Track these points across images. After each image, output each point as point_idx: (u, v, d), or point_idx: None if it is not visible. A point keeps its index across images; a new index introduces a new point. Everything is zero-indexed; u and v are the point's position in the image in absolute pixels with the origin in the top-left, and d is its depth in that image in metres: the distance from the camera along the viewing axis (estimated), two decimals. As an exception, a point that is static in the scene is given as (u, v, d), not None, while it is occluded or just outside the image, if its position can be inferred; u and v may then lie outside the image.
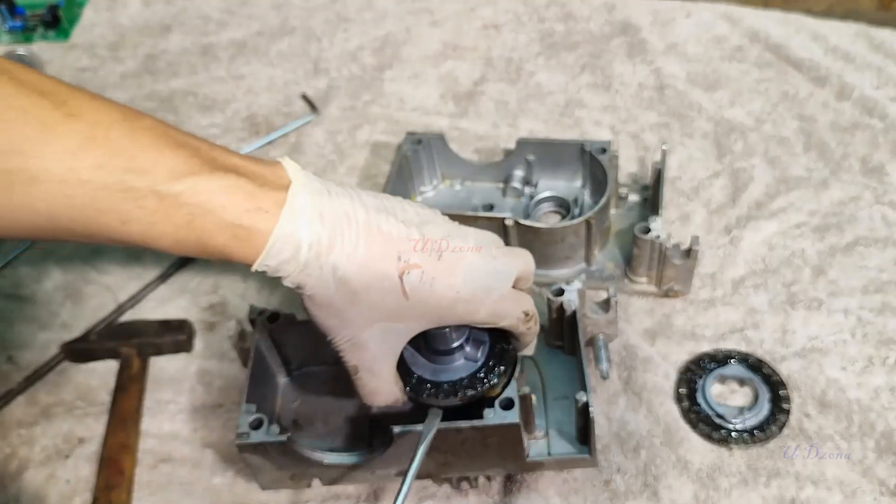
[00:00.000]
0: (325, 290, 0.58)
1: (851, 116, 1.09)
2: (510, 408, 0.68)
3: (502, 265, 0.66)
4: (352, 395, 0.77)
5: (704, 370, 0.84)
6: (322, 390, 0.81)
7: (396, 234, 0.60)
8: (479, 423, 0.67)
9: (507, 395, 0.69)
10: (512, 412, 0.68)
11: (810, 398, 0.82)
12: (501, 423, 0.67)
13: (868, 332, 0.86)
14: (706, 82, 1.17)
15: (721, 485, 0.77)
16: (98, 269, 1.03)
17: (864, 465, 0.77)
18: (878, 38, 1.19)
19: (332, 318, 0.60)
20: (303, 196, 0.57)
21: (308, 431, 0.78)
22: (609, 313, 0.83)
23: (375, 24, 1.35)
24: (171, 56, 1.33)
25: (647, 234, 0.85)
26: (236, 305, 0.97)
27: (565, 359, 0.83)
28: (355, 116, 1.20)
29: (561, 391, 0.80)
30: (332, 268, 0.57)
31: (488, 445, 0.70)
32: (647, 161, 1.07)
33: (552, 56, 1.25)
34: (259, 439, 0.69)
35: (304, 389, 0.82)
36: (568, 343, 0.82)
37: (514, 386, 0.70)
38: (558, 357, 0.83)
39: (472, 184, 1.04)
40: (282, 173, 0.59)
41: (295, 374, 0.83)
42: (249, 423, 0.69)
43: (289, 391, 0.82)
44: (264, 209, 0.55)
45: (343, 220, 0.58)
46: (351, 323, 0.61)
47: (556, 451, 0.75)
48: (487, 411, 0.67)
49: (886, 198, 0.99)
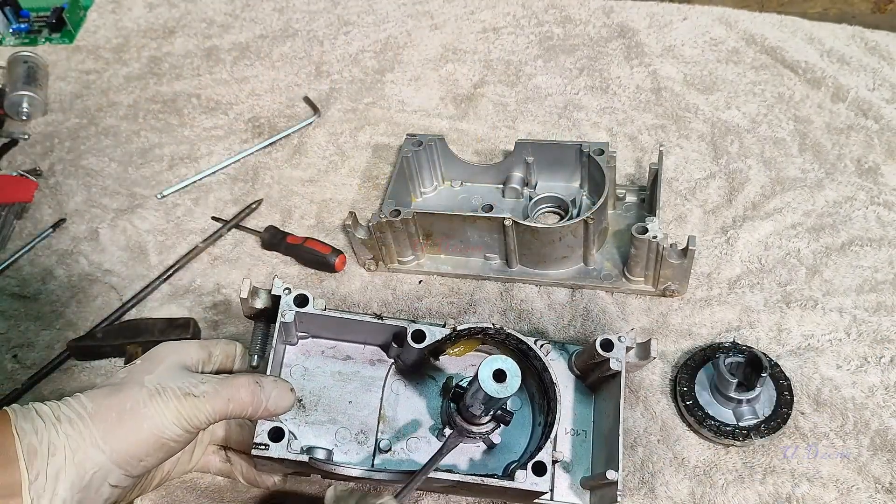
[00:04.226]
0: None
1: (846, 118, 1.10)
2: (542, 473, 0.67)
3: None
4: (363, 389, 0.77)
5: (700, 367, 0.85)
6: (329, 368, 0.79)
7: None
8: (509, 484, 0.67)
9: (541, 460, 0.68)
10: (543, 480, 0.67)
11: (805, 396, 0.83)
12: (531, 489, 0.67)
13: (863, 331, 0.87)
14: (702, 84, 1.18)
15: (717, 481, 0.78)
16: (102, 269, 1.04)
17: (859, 463, 0.78)
18: (872, 40, 1.20)
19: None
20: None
21: (311, 415, 0.77)
22: (643, 360, 0.78)
23: (376, 27, 1.36)
24: (175, 59, 1.35)
25: (645, 234, 0.86)
26: (239, 305, 0.97)
27: (584, 391, 0.80)
28: (356, 118, 1.21)
29: (574, 424, 0.78)
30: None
31: (505, 492, 0.70)
32: (644, 162, 1.08)
33: (550, 59, 1.26)
34: (278, 454, 0.67)
35: (310, 363, 0.79)
36: (592, 383, 0.80)
37: (549, 449, 0.69)
38: (577, 386, 0.80)
39: (472, 185, 1.05)
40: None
41: (301, 343, 0.80)
42: (269, 433, 0.68)
43: (294, 361, 0.79)
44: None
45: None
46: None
47: (560, 497, 0.74)
48: (520, 474, 0.67)
49: (881, 198, 1.00)
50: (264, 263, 1.02)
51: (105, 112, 1.27)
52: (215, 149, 1.19)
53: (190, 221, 1.09)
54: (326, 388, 0.78)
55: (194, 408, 0.65)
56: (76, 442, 0.61)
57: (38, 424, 0.61)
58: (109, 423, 0.63)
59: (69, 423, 0.62)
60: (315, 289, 0.99)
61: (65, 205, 1.13)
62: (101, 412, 0.63)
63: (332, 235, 1.05)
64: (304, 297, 0.75)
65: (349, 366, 0.79)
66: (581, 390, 0.80)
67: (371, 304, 0.97)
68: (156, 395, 0.64)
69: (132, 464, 0.64)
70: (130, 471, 0.64)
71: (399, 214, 0.92)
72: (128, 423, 0.63)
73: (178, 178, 1.15)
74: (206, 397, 0.65)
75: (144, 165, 1.18)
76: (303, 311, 0.74)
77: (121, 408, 0.64)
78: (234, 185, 1.13)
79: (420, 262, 0.99)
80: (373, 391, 0.79)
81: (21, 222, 1.11)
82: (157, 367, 0.67)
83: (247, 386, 0.67)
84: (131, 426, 0.63)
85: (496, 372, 0.63)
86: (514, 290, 0.96)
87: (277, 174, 1.14)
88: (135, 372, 0.67)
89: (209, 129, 1.22)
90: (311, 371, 0.79)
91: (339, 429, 0.77)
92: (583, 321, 0.92)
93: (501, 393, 0.62)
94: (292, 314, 0.74)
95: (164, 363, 0.68)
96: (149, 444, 0.64)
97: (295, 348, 0.80)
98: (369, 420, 0.77)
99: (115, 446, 0.62)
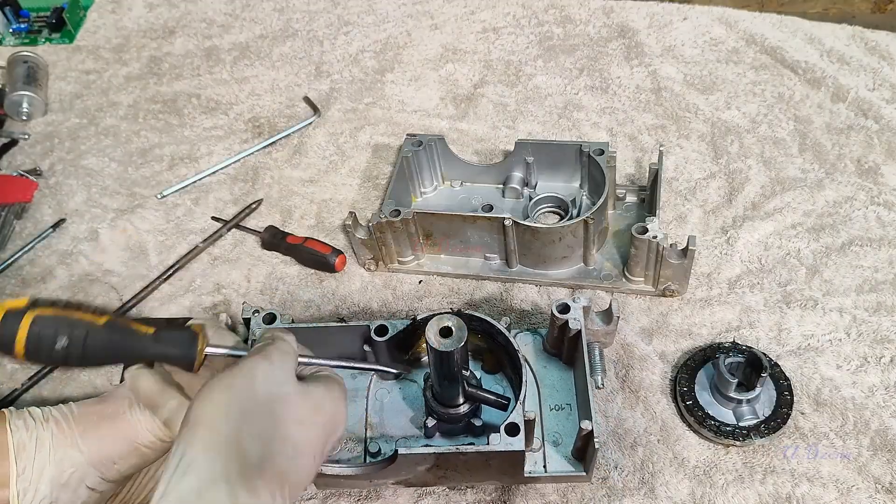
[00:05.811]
0: None
1: (846, 118, 1.10)
2: (516, 433, 0.68)
3: None
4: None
5: (700, 366, 0.85)
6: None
7: None
8: (485, 447, 0.68)
9: (513, 420, 0.69)
10: (518, 439, 0.68)
11: (805, 396, 0.83)
12: (506, 449, 0.68)
13: (863, 331, 0.87)
14: (702, 84, 1.18)
15: (717, 482, 0.78)
16: (102, 269, 1.04)
17: (859, 463, 0.78)
18: (872, 40, 1.20)
19: None
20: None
21: None
22: (609, 325, 0.83)
23: (376, 27, 1.36)
24: (175, 59, 1.35)
25: (645, 234, 0.86)
26: (238, 304, 0.98)
27: (562, 367, 0.83)
28: (357, 118, 1.21)
29: (557, 400, 0.80)
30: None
31: (489, 465, 0.71)
32: (644, 162, 1.08)
33: (550, 59, 1.26)
34: None
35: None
36: (567, 356, 0.82)
37: (519, 410, 0.70)
38: (555, 364, 0.83)
39: (472, 185, 1.05)
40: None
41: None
42: None
43: None
44: None
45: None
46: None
47: (554, 469, 0.75)
48: (494, 436, 0.68)
49: (881, 198, 1.00)
50: (264, 263, 1.02)
51: (105, 112, 1.27)
52: (215, 149, 1.19)
53: (190, 221, 1.09)
54: None
55: (168, 420, 0.68)
56: (58, 440, 0.66)
57: (28, 423, 0.66)
58: (89, 425, 0.67)
59: (55, 423, 0.67)
60: (315, 289, 0.99)
61: (65, 205, 1.13)
62: (83, 415, 0.68)
63: (332, 235, 1.05)
64: (271, 314, 0.80)
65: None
66: (559, 367, 0.82)
67: (371, 304, 0.97)
68: (136, 406, 0.68)
69: (106, 465, 0.67)
70: (105, 473, 0.67)
71: (399, 214, 0.92)
72: (105, 426, 0.67)
73: (178, 178, 1.15)
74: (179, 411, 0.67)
75: (144, 165, 1.18)
76: (272, 326, 0.77)
77: (102, 413, 0.68)
78: (234, 185, 1.13)
79: (420, 262, 0.99)
80: (357, 401, 0.80)
81: (21, 222, 1.12)
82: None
83: None
84: (108, 429, 0.67)
85: (442, 329, 0.65)
86: (514, 290, 0.96)
87: (277, 174, 1.14)
88: (122, 386, 0.71)
89: (209, 129, 1.22)
90: None
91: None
92: (583, 321, 0.92)
93: (448, 347, 0.64)
94: (261, 331, 0.76)
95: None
96: (123, 447, 0.67)
97: None
98: (356, 429, 0.78)
99: (92, 447, 0.66)
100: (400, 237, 0.94)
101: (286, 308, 0.97)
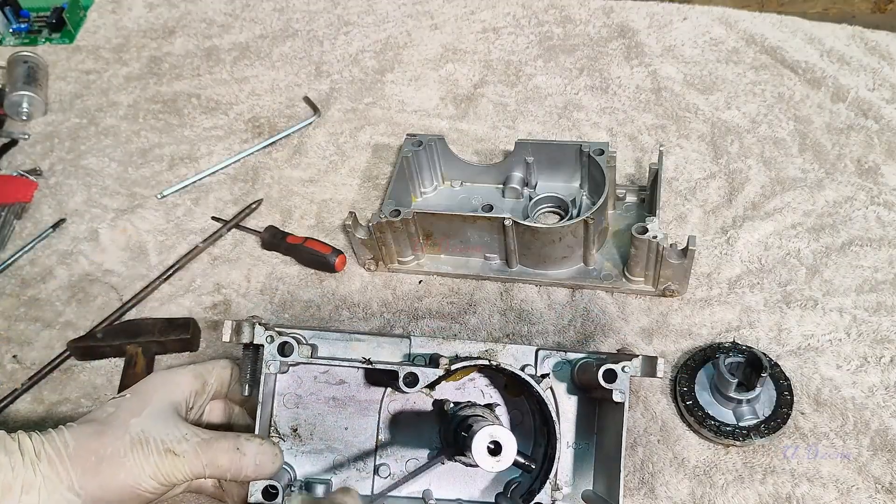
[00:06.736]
0: None
1: (846, 118, 1.10)
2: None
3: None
4: (359, 413, 0.76)
5: (700, 366, 0.85)
6: (323, 394, 0.78)
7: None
8: None
9: (540, 501, 0.68)
10: None
11: (805, 396, 0.83)
12: None
13: (863, 331, 0.87)
14: (702, 85, 1.18)
15: (717, 482, 0.78)
16: (102, 269, 1.04)
17: (859, 463, 0.78)
18: (872, 40, 1.20)
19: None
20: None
21: (308, 445, 0.76)
22: (648, 377, 0.74)
23: (376, 27, 1.36)
24: (175, 59, 1.35)
25: (645, 234, 0.86)
26: (239, 304, 0.98)
27: (586, 402, 0.77)
28: (357, 118, 1.21)
29: (576, 437, 0.76)
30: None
31: None
32: (644, 162, 1.08)
33: (550, 59, 1.26)
34: None
35: (303, 390, 0.78)
36: (595, 398, 0.77)
37: (548, 489, 0.68)
38: (579, 397, 0.77)
39: (472, 185, 1.05)
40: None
41: (292, 371, 0.78)
42: (262, 492, 0.67)
43: (286, 389, 0.77)
44: None
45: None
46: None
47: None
48: None
49: (881, 198, 0.99)
50: (264, 263, 1.02)
51: (105, 112, 1.27)
52: (215, 149, 1.19)
53: (190, 221, 1.09)
54: (321, 416, 0.77)
55: (173, 466, 0.66)
56: (52, 483, 0.62)
57: (15, 460, 0.62)
58: (87, 467, 0.64)
59: (48, 463, 0.63)
60: (315, 289, 0.99)
61: (65, 205, 1.13)
62: (81, 454, 0.64)
63: (332, 235, 1.05)
64: (287, 345, 0.71)
65: (344, 390, 0.78)
66: (584, 401, 0.77)
67: (371, 304, 0.97)
68: (137, 446, 0.65)
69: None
70: None
71: (399, 214, 0.92)
72: (105, 470, 0.64)
73: (178, 178, 1.15)
74: (185, 457, 0.66)
75: (144, 165, 1.18)
76: (287, 359, 0.71)
77: (101, 453, 0.64)
78: (234, 185, 1.13)
79: (420, 262, 0.99)
80: (369, 415, 0.77)
81: (21, 222, 1.12)
82: (145, 408, 0.68)
83: (227, 452, 0.67)
84: (108, 474, 0.64)
85: (491, 444, 0.62)
86: (514, 290, 0.96)
87: (277, 174, 1.14)
88: (122, 409, 0.67)
89: (209, 129, 1.22)
90: (304, 399, 0.77)
91: (336, 457, 0.76)
92: (583, 321, 0.92)
93: (496, 468, 0.61)
94: (277, 365, 0.71)
95: (152, 402, 0.69)
96: (123, 493, 0.65)
97: (286, 376, 0.77)
98: (366, 445, 0.77)
99: (91, 492, 0.63)
100: (400, 237, 0.94)
101: (286, 308, 0.97)
